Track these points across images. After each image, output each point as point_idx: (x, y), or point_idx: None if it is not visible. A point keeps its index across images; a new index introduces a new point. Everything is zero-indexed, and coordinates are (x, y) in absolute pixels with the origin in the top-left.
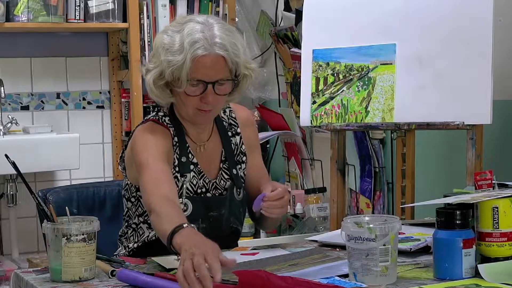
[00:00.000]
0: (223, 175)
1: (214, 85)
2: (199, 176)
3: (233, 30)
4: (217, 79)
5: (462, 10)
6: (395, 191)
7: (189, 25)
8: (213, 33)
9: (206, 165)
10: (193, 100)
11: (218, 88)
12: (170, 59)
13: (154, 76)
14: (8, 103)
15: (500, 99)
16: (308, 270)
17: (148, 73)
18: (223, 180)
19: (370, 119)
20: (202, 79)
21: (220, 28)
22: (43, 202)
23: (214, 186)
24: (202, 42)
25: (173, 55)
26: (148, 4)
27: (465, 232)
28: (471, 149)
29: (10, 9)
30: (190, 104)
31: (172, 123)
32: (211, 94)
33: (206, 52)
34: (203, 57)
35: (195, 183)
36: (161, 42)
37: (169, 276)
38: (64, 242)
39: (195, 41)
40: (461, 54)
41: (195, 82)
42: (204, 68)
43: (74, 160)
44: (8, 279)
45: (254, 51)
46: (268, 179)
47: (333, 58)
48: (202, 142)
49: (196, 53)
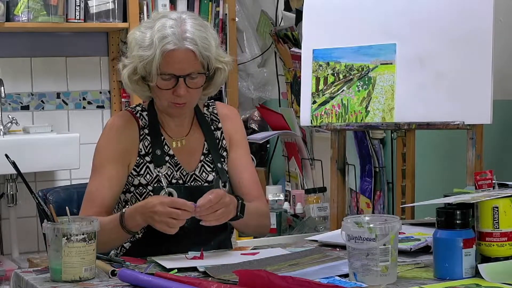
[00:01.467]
0: (205, 167)
1: (185, 78)
2: (176, 168)
3: (205, 26)
4: (188, 72)
5: (462, 10)
6: (395, 191)
7: (161, 21)
8: (184, 28)
9: (185, 158)
10: (166, 93)
11: (190, 81)
12: (141, 54)
13: (129, 71)
14: (8, 103)
15: (500, 99)
16: (308, 270)
17: (124, 68)
18: (205, 172)
19: (370, 119)
20: (173, 72)
21: (192, 24)
22: (43, 202)
23: (193, 178)
24: (171, 38)
25: (144, 50)
26: (148, 4)
27: (465, 232)
28: (471, 149)
29: (10, 9)
30: (164, 97)
31: (148, 117)
32: (183, 87)
33: (175, 47)
34: (173, 52)
35: (170, 174)
36: (133, 38)
37: (169, 276)
38: (64, 242)
39: (164, 36)
40: (461, 54)
41: (166, 76)
42: (174, 62)
43: (74, 160)
44: (8, 279)
45: (254, 51)
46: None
47: (333, 58)
48: (181, 136)
49: (165, 48)
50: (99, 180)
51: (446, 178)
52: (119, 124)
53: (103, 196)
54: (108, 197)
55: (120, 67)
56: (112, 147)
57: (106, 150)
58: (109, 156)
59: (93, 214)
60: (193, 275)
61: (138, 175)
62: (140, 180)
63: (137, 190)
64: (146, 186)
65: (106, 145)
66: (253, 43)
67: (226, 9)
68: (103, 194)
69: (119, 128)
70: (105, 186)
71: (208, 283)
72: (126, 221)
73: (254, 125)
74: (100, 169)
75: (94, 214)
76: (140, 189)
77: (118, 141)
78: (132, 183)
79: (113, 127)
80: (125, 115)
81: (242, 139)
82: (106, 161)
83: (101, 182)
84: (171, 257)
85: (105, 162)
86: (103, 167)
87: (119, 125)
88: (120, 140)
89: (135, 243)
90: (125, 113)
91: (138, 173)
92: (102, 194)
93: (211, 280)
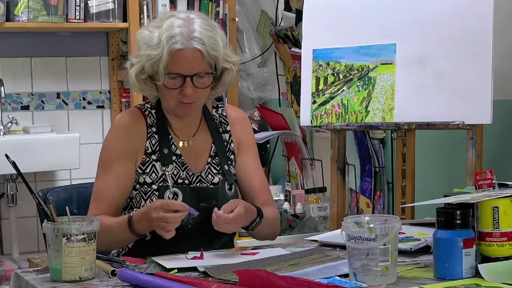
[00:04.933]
0: (211, 169)
1: (192, 78)
2: (182, 168)
3: (214, 26)
4: (195, 72)
5: (462, 10)
6: (395, 191)
7: (169, 20)
8: (192, 28)
9: (192, 159)
10: (173, 93)
11: (197, 81)
12: (149, 53)
13: (136, 70)
14: (8, 103)
15: (500, 99)
16: (308, 269)
17: (131, 67)
18: (211, 174)
19: (370, 119)
20: (180, 72)
21: (200, 23)
22: (43, 202)
23: (198, 179)
24: (179, 37)
25: (151, 49)
26: (148, 4)
27: (465, 232)
28: (471, 149)
29: (10, 9)
30: (171, 97)
31: (157, 115)
32: (190, 87)
33: (182, 46)
34: (180, 51)
35: (176, 173)
36: (141, 37)
37: (169, 276)
38: (64, 242)
39: (172, 35)
40: (461, 54)
41: (173, 76)
42: (181, 61)
43: (74, 160)
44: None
45: (254, 51)
46: (261, 185)
47: (333, 58)
48: (188, 136)
49: (173, 47)
50: (107, 178)
51: (446, 178)
52: (127, 121)
53: (111, 194)
54: (117, 195)
55: (128, 66)
56: (120, 144)
57: (114, 147)
58: (117, 153)
59: (101, 213)
60: (193, 275)
61: (143, 173)
62: (145, 179)
63: (142, 188)
64: (150, 185)
65: (114, 142)
66: (253, 43)
67: (226, 9)
68: (111, 192)
69: (127, 125)
70: (113, 184)
71: (208, 283)
72: (134, 226)
73: (254, 125)
74: (108, 167)
75: (103, 213)
76: (145, 187)
77: (126, 138)
78: (138, 180)
79: (120, 123)
80: (134, 111)
81: (252, 144)
82: (115, 158)
83: (109, 180)
84: (171, 257)
85: (114, 159)
86: (111, 165)
87: (127, 122)
88: (128, 137)
89: (137, 242)
90: (134, 109)
91: (143, 171)
92: (110, 192)
93: (211, 280)
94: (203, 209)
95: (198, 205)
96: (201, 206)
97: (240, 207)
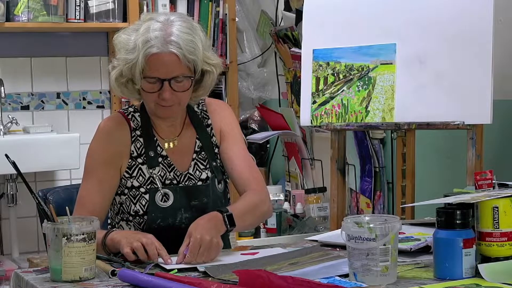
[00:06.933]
0: (198, 165)
1: (170, 81)
2: (169, 169)
3: (194, 28)
4: (172, 76)
5: (462, 10)
6: (395, 191)
7: (147, 24)
8: (169, 31)
9: (178, 158)
10: (152, 96)
11: (175, 84)
12: (126, 57)
13: (116, 73)
14: (8, 103)
15: (500, 99)
16: (308, 269)
17: (112, 70)
18: (198, 170)
19: (370, 119)
20: (158, 76)
21: (179, 26)
22: (43, 202)
23: (187, 177)
24: (155, 41)
25: (128, 53)
26: (148, 4)
27: (465, 232)
28: (471, 149)
29: (10, 9)
30: (150, 100)
31: (141, 118)
32: (168, 90)
33: (158, 50)
34: (156, 55)
35: (163, 175)
36: (119, 41)
37: (169, 276)
38: (64, 242)
39: (147, 40)
40: (461, 54)
41: (151, 80)
42: (158, 65)
43: (74, 160)
44: (8, 279)
45: (254, 51)
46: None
47: (333, 58)
48: (173, 136)
49: (148, 51)
50: (90, 184)
51: (446, 178)
52: (110, 126)
53: (93, 201)
54: (99, 202)
55: (110, 69)
56: (103, 150)
57: (97, 154)
58: (100, 159)
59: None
60: (193, 275)
61: (130, 177)
62: (133, 182)
63: (130, 193)
64: (138, 188)
65: (97, 148)
66: (253, 43)
67: (226, 9)
68: (93, 198)
69: (109, 131)
70: (96, 190)
71: (208, 283)
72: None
73: (254, 125)
74: (91, 173)
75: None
76: (133, 191)
77: (109, 144)
78: (126, 185)
79: (103, 130)
80: (116, 117)
81: (232, 129)
82: (98, 164)
83: (92, 186)
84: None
85: (96, 165)
86: (95, 171)
87: (110, 128)
88: (111, 143)
89: None
90: (117, 115)
91: (130, 175)
92: (93, 199)
93: (211, 280)
94: (195, 208)
95: (190, 204)
96: (193, 204)
97: (190, 231)
